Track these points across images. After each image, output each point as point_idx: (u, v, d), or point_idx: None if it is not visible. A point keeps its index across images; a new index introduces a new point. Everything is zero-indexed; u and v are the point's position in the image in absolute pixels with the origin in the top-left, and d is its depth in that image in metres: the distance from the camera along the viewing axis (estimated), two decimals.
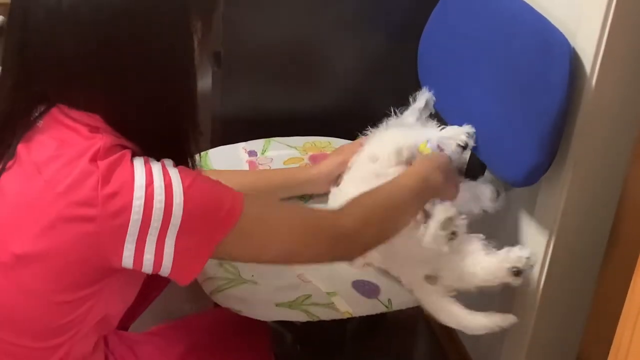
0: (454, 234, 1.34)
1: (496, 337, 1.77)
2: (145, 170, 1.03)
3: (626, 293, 1.04)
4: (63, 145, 1.04)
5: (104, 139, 1.04)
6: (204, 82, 1.86)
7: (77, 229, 1.01)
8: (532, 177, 1.44)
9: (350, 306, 1.36)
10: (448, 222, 1.33)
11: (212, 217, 1.06)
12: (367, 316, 1.40)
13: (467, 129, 1.51)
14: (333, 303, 1.35)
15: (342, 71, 1.83)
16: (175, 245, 1.03)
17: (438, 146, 1.48)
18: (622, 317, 1.05)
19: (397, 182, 1.35)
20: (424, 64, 1.73)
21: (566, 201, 1.49)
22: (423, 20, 1.72)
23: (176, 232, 1.03)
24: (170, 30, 1.05)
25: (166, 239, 1.03)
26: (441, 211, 1.34)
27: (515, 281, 1.35)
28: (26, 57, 1.04)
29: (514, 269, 1.34)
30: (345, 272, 1.41)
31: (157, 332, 1.39)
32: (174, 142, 1.11)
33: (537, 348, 1.67)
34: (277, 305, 1.32)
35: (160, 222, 1.02)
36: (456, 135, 1.50)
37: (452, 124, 1.69)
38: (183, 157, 1.10)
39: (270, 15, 1.75)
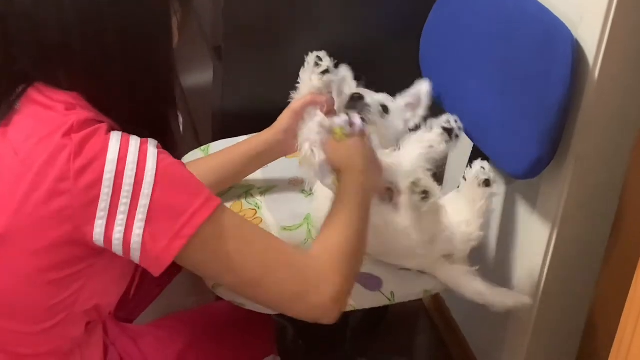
0: (425, 193, 1.30)
1: (498, 331, 1.77)
2: (120, 144, 1.02)
3: (628, 287, 1.04)
4: (38, 125, 1.04)
5: (79, 114, 1.04)
6: (205, 76, 1.86)
7: (53, 204, 1.01)
8: (534, 170, 1.43)
9: (352, 299, 1.35)
10: (414, 186, 1.30)
11: (183, 207, 1.04)
12: (370, 309, 1.40)
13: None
14: None
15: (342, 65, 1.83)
16: (144, 228, 1.02)
17: (350, 122, 1.31)
18: (624, 311, 1.04)
19: (347, 208, 1.22)
20: (426, 57, 1.73)
21: (568, 194, 1.49)
22: (425, 14, 1.71)
23: (146, 213, 1.02)
24: (150, 8, 1.06)
25: (135, 220, 1.02)
26: (403, 180, 1.32)
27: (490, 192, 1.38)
28: (7, 33, 1.04)
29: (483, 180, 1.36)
30: None
31: (160, 325, 1.39)
32: (152, 120, 1.11)
33: (539, 341, 1.67)
34: None
35: (130, 198, 1.01)
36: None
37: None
38: (161, 135, 1.10)
39: (272, 9, 1.74)
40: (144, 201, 1.02)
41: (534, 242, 1.59)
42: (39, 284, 1.05)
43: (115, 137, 1.03)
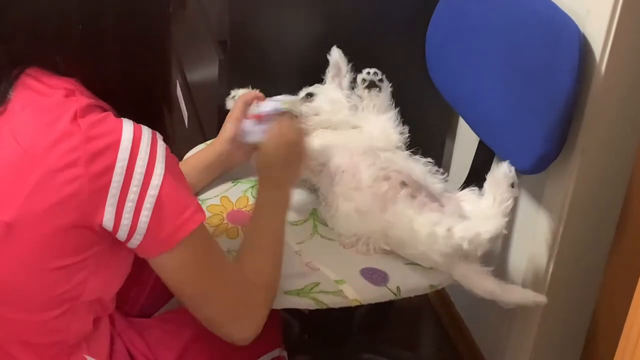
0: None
1: (504, 326, 1.77)
2: (134, 133, 1.03)
3: (635, 282, 1.04)
4: (39, 112, 1.04)
5: (79, 100, 1.04)
6: (211, 70, 1.86)
7: (63, 191, 1.01)
8: (541, 164, 1.43)
9: (358, 294, 1.35)
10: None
11: (186, 203, 1.08)
12: (376, 304, 1.40)
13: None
14: (342, 291, 1.34)
15: (348, 60, 1.82)
16: (151, 216, 1.04)
17: (260, 117, 1.38)
18: (631, 307, 1.04)
19: (271, 228, 1.30)
20: (431, 52, 1.72)
21: (574, 189, 1.49)
22: (431, 8, 1.71)
23: (154, 203, 1.04)
24: None
25: (143, 208, 1.04)
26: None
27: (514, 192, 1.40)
28: (6, 16, 1.05)
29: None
30: (353, 259, 1.41)
31: (166, 318, 1.39)
32: (148, 108, 1.12)
33: (545, 335, 1.67)
34: (285, 293, 1.32)
35: (140, 187, 1.03)
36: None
37: (461, 112, 1.69)
38: (156, 124, 1.11)
39: (277, 4, 1.74)
40: (152, 191, 1.04)
41: (540, 237, 1.59)
42: (45, 271, 1.06)
43: (128, 125, 1.04)
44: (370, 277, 1.38)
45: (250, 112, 1.42)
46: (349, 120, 1.57)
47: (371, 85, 1.56)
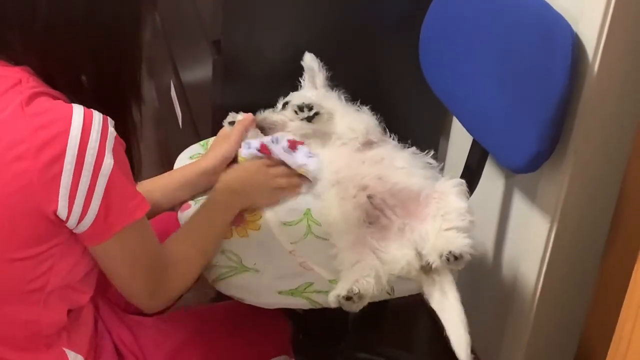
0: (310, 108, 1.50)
1: (497, 326, 1.77)
2: (84, 119, 1.02)
3: (628, 282, 1.04)
4: None
5: (26, 89, 1.03)
6: (204, 70, 1.86)
7: (12, 184, 1.01)
8: (534, 164, 1.43)
9: None
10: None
11: (133, 193, 1.10)
12: (370, 304, 1.40)
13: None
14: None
15: (342, 59, 1.82)
16: (100, 203, 1.05)
17: (262, 147, 1.49)
18: (623, 306, 1.05)
19: (209, 215, 1.36)
20: (425, 51, 1.72)
21: (567, 188, 1.49)
22: (424, 7, 1.71)
23: (103, 190, 1.04)
24: None
25: (94, 196, 1.04)
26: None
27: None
28: None
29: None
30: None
31: (165, 318, 1.38)
32: (113, 99, 1.12)
33: (539, 335, 1.68)
34: (279, 292, 1.32)
35: (90, 177, 1.03)
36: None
37: (454, 111, 1.70)
38: (120, 117, 1.11)
39: (271, 3, 1.74)
40: (102, 180, 1.04)
41: (534, 236, 1.59)
42: (6, 262, 1.06)
43: (78, 111, 1.03)
44: None
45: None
46: (321, 127, 1.55)
47: (309, 118, 1.53)
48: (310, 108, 1.50)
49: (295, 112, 1.52)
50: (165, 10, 2.51)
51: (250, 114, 1.53)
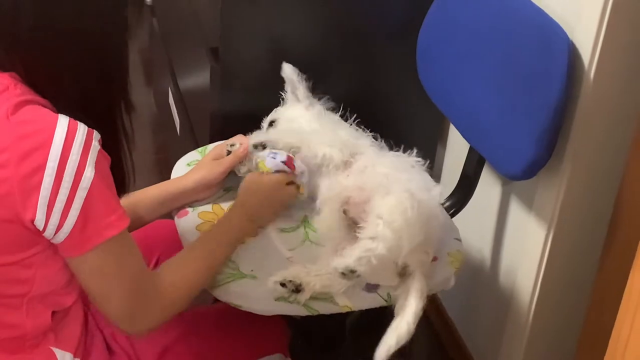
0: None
1: (495, 331, 1.78)
2: (68, 130, 1.02)
3: (625, 286, 1.04)
4: None
5: (12, 97, 1.03)
6: (202, 77, 1.86)
7: None
8: (531, 170, 1.44)
9: (349, 300, 1.36)
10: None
11: (113, 207, 1.08)
12: (367, 310, 1.41)
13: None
14: (332, 297, 1.35)
15: (340, 66, 1.83)
16: (78, 216, 1.04)
17: (288, 160, 1.43)
18: (620, 309, 1.05)
19: (214, 243, 1.33)
20: (422, 57, 1.73)
21: (565, 194, 1.50)
22: (422, 13, 1.72)
23: (82, 203, 1.03)
24: None
25: (72, 208, 1.03)
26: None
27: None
28: None
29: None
30: None
31: None
32: (98, 110, 1.11)
33: (536, 341, 1.68)
34: (276, 299, 1.32)
35: (69, 189, 1.02)
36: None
37: (451, 118, 1.70)
38: (106, 128, 1.10)
39: (269, 11, 1.74)
40: (81, 193, 1.03)
41: (531, 242, 1.60)
42: None
43: (63, 122, 1.03)
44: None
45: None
46: (308, 140, 1.51)
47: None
48: (264, 147, 1.48)
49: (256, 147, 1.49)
50: (164, 17, 2.51)
51: (245, 146, 1.48)
